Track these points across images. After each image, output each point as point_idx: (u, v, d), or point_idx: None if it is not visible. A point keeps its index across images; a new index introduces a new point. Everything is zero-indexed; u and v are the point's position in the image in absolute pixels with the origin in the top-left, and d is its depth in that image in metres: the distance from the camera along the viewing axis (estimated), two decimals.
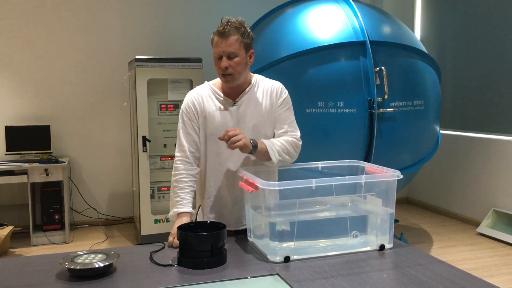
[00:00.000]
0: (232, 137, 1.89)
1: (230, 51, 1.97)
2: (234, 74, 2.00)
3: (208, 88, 2.13)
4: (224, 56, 1.98)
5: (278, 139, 2.08)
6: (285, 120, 2.13)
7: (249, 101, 2.10)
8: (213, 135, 2.07)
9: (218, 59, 2.01)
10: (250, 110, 2.09)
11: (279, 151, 2.02)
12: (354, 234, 1.87)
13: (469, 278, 1.58)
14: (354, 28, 3.83)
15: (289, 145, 2.07)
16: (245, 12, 5.47)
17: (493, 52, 4.96)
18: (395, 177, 1.88)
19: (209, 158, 2.12)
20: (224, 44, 1.97)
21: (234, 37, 1.97)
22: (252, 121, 2.09)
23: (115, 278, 1.60)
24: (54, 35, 5.12)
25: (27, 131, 4.89)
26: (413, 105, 3.91)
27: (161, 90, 4.70)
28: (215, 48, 2.01)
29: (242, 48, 2.00)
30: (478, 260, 4.14)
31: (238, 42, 1.99)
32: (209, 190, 2.14)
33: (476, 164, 5.16)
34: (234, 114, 2.09)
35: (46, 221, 4.79)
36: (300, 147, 2.13)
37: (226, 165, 2.10)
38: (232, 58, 1.99)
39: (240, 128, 2.03)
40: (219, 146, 2.07)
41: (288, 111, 2.15)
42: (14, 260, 1.81)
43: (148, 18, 5.40)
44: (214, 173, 2.12)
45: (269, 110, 2.12)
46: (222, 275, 1.63)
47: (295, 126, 2.16)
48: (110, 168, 5.40)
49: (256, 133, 2.07)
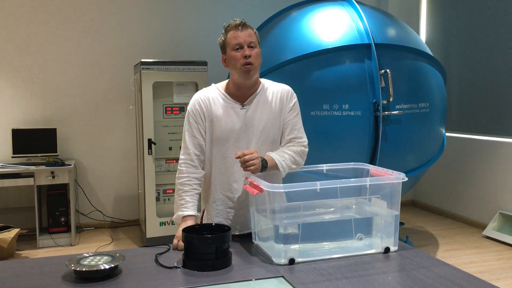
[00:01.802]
0: (248, 161, 1.90)
1: (251, 40, 2.00)
2: (255, 64, 2.01)
3: (216, 91, 2.11)
4: (245, 46, 1.99)
5: (287, 150, 2.08)
6: (294, 126, 2.13)
7: (258, 104, 2.08)
8: (220, 138, 2.06)
9: (236, 50, 1.99)
10: (259, 114, 2.07)
11: (289, 164, 2.05)
12: (359, 236, 1.87)
13: (474, 280, 1.58)
14: (359, 30, 3.83)
15: (297, 155, 2.09)
16: (250, 15, 5.48)
17: (499, 54, 4.95)
18: (400, 179, 1.88)
19: (215, 162, 2.09)
20: (245, 33, 1.99)
21: (251, 30, 2.03)
22: (261, 125, 2.07)
23: (120, 280, 1.61)
24: (60, 39, 5.15)
25: (33, 134, 4.92)
26: (419, 108, 3.90)
27: (167, 93, 4.72)
28: (233, 40, 1.99)
29: (258, 42, 2.05)
30: (484, 263, 4.12)
31: (255, 35, 2.04)
32: (215, 194, 2.12)
33: (482, 167, 5.13)
34: (242, 117, 2.06)
35: (52, 224, 4.81)
36: (306, 153, 2.14)
37: (232, 169, 2.07)
38: (253, 48, 2.00)
39: (248, 132, 2.04)
40: (226, 150, 2.06)
41: (297, 116, 2.15)
42: (20, 262, 1.83)
43: (153, 21, 5.43)
44: (220, 177, 2.10)
45: (278, 113, 2.10)
46: (227, 277, 1.63)
47: (303, 132, 2.17)
48: (116, 170, 5.42)
49: (264, 137, 2.07)
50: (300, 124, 2.16)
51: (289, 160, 2.04)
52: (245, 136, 2.06)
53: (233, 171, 2.07)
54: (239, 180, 2.08)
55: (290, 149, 2.09)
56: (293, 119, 2.13)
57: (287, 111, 2.12)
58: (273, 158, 2.01)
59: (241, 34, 1.99)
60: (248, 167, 1.91)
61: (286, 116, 2.12)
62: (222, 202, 2.12)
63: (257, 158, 1.92)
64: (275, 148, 2.11)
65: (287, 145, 2.11)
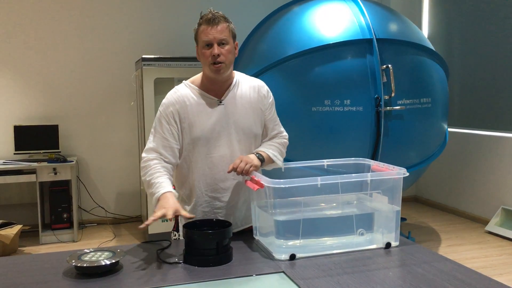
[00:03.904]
0: (243, 168, 1.86)
1: (221, 38, 1.89)
2: (226, 62, 1.92)
3: (190, 89, 2.03)
4: (215, 43, 1.89)
5: (274, 143, 2.10)
6: (275, 121, 2.14)
7: (235, 99, 2.02)
8: (201, 139, 1.97)
9: (206, 48, 1.91)
10: (239, 110, 2.01)
11: (279, 157, 2.08)
12: (360, 232, 1.86)
13: (475, 275, 1.57)
14: (360, 25, 3.82)
15: (283, 147, 2.14)
16: (251, 10, 5.48)
17: (501, 49, 4.92)
18: (401, 174, 1.87)
19: (198, 164, 1.99)
20: (215, 30, 1.88)
21: (224, 24, 1.91)
22: (241, 121, 2.01)
23: (121, 276, 1.61)
24: (61, 35, 5.15)
25: (35, 131, 4.93)
26: (421, 103, 3.89)
27: (168, 89, 4.65)
28: (203, 36, 1.90)
29: (230, 36, 1.94)
30: (486, 259, 4.12)
31: (228, 29, 1.92)
32: (200, 197, 2.02)
33: (485, 162, 5.12)
34: (221, 114, 1.99)
35: (55, 220, 4.83)
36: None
37: (217, 168, 1.99)
38: (224, 45, 1.91)
39: (229, 128, 1.99)
40: (208, 149, 1.98)
41: (275, 111, 2.16)
42: (22, 257, 1.83)
43: (154, 17, 5.42)
44: (204, 178, 2.00)
45: (257, 108, 2.06)
46: (227, 272, 1.63)
47: (281, 125, 2.19)
48: (118, 167, 5.43)
49: (246, 133, 2.03)
50: (278, 118, 2.17)
51: (278, 152, 2.08)
52: (226, 133, 1.99)
53: (218, 171, 1.99)
54: (226, 179, 2.01)
55: (275, 141, 2.12)
56: (273, 115, 2.14)
57: (267, 108, 2.09)
58: (265, 152, 2.02)
59: (211, 30, 1.88)
60: (247, 173, 1.87)
61: (267, 113, 2.10)
62: (208, 204, 2.03)
63: (247, 162, 1.88)
64: (257, 142, 2.09)
65: (273, 139, 2.13)
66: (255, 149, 2.06)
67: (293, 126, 3.29)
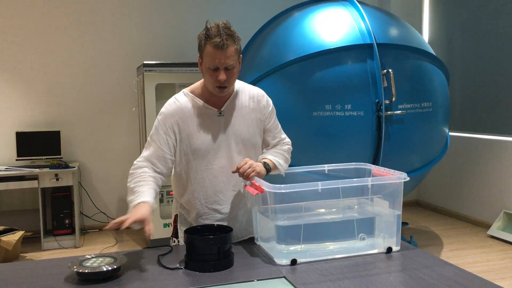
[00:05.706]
0: (244, 170, 1.85)
1: (229, 63, 1.84)
2: (229, 86, 1.91)
3: (189, 99, 2.00)
4: (222, 69, 1.85)
5: (279, 150, 2.10)
6: (276, 129, 2.14)
7: (235, 110, 2.00)
8: (200, 150, 1.96)
9: (211, 70, 1.86)
10: (238, 120, 2.00)
11: (284, 164, 2.08)
12: (361, 236, 1.86)
13: (477, 280, 1.57)
14: (361, 30, 3.83)
15: (288, 154, 2.14)
16: (252, 16, 5.49)
17: (502, 53, 4.93)
18: (401, 179, 1.87)
19: (198, 175, 1.99)
20: (224, 56, 1.82)
21: (232, 48, 1.83)
22: (240, 131, 2.00)
23: (123, 282, 1.61)
24: (63, 41, 5.17)
25: (37, 137, 4.94)
26: (421, 107, 3.89)
27: (169, 94, 4.67)
28: (210, 60, 1.83)
29: (237, 58, 1.90)
30: (489, 263, 4.10)
31: (235, 52, 1.87)
32: (200, 209, 2.02)
33: (486, 166, 5.12)
34: (221, 125, 1.98)
35: (57, 226, 4.83)
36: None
37: (217, 180, 1.99)
38: (230, 70, 1.87)
39: (229, 140, 1.99)
40: (208, 161, 1.97)
41: (276, 118, 2.15)
42: (23, 263, 1.83)
43: (155, 23, 5.44)
44: (204, 190, 2.00)
45: (257, 118, 2.04)
46: (229, 278, 1.64)
47: (282, 131, 2.19)
48: (120, 172, 5.43)
49: (245, 144, 2.02)
50: (279, 125, 2.17)
51: (283, 160, 2.08)
52: (225, 145, 1.99)
53: (218, 182, 1.99)
54: (225, 191, 2.01)
55: (280, 149, 2.12)
56: (274, 122, 2.13)
57: (267, 117, 2.08)
58: (271, 160, 2.02)
59: (219, 55, 1.81)
60: (248, 177, 1.86)
61: (267, 122, 2.09)
62: (209, 216, 2.03)
63: (252, 166, 1.87)
64: (257, 152, 2.08)
65: (276, 146, 2.13)
66: (254, 159, 2.04)
67: (294, 131, 3.28)
